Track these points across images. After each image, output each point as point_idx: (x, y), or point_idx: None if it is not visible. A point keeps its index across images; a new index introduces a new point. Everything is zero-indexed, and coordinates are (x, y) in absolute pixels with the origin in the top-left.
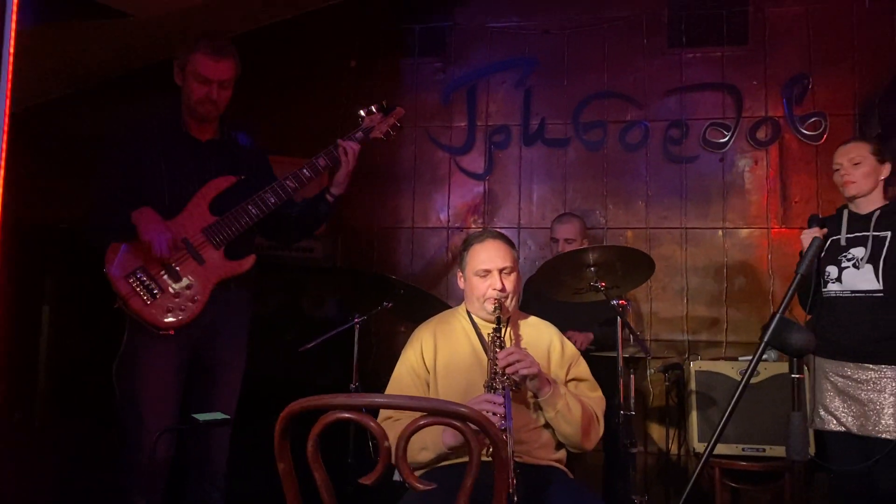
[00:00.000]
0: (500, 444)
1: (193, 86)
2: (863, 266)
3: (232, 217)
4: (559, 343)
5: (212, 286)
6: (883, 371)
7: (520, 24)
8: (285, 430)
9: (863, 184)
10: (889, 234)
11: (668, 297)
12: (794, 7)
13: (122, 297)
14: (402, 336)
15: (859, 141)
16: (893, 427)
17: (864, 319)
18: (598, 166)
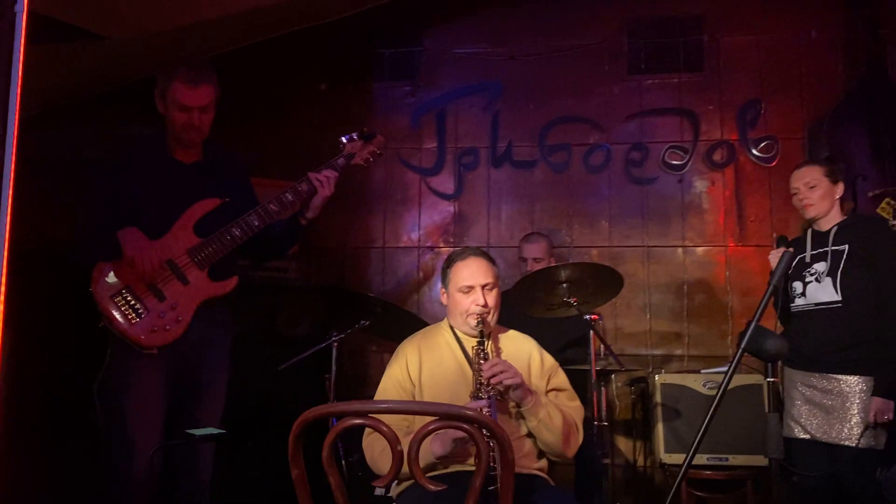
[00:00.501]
0: (507, 446)
1: (175, 114)
2: (823, 279)
3: (216, 239)
4: (538, 355)
5: (196, 306)
6: (847, 380)
7: (486, 50)
8: (299, 437)
9: (820, 205)
10: (846, 248)
11: (632, 314)
12: (746, 37)
13: (107, 317)
14: (373, 354)
15: (812, 164)
16: (858, 435)
17: (826, 330)
18: (563, 187)
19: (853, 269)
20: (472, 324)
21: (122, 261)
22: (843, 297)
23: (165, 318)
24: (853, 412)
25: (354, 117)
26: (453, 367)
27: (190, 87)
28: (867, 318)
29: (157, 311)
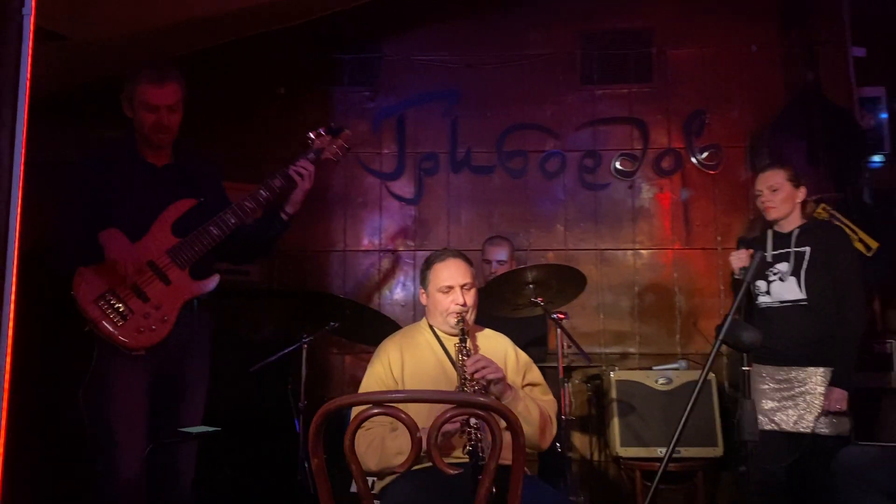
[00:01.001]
0: (519, 431)
1: (143, 115)
2: (787, 279)
3: (195, 238)
4: (514, 352)
5: (180, 305)
6: (811, 372)
7: (445, 57)
8: (320, 427)
9: (782, 208)
10: (808, 249)
11: (586, 314)
12: (691, 50)
13: (92, 321)
14: (335, 357)
15: (776, 168)
16: (823, 423)
17: (793, 326)
18: (520, 192)
19: (815, 270)
20: (452, 322)
21: (103, 264)
22: (808, 296)
23: (150, 319)
24: (817, 403)
25: (315, 121)
26: (434, 364)
27: (155, 86)
28: (828, 316)
29: (142, 312)
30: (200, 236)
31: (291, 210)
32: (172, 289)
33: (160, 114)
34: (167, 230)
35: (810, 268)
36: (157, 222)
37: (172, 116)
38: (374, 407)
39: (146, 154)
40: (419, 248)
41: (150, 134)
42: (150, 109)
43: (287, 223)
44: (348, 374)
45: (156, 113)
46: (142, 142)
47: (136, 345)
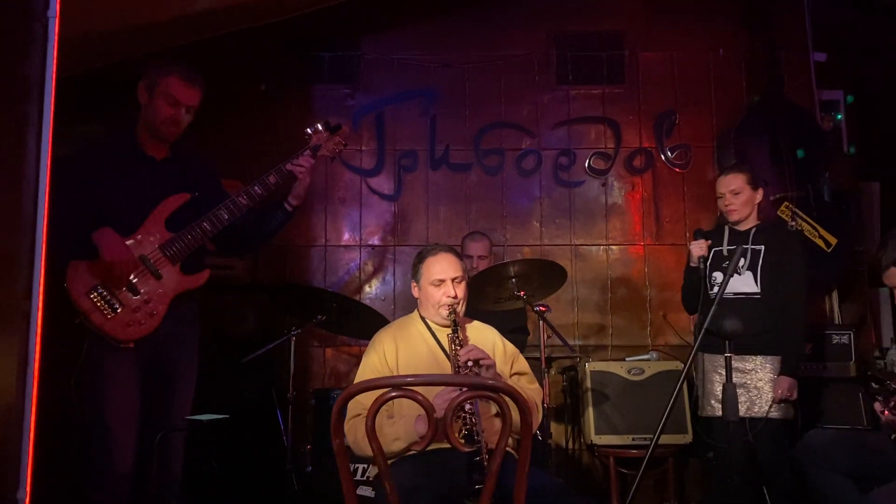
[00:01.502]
0: (527, 410)
1: (161, 105)
2: (743, 272)
3: (187, 233)
4: (501, 342)
5: (169, 300)
6: (759, 360)
7: (423, 57)
8: (341, 411)
9: (743, 210)
10: (763, 248)
11: (561, 307)
12: (662, 53)
13: (83, 313)
14: (315, 349)
15: (737, 172)
16: (767, 407)
17: (745, 317)
18: (497, 189)
19: (769, 267)
20: (444, 314)
21: (97, 260)
22: (762, 290)
23: (140, 313)
24: (766, 389)
25: (295, 118)
26: (426, 354)
27: (186, 85)
28: (777, 309)
29: (132, 305)
30: (193, 232)
31: (295, 202)
32: (163, 283)
33: (179, 110)
34: (161, 225)
35: (765, 264)
36: (152, 216)
37: (187, 117)
38: (394, 390)
39: (146, 147)
40: (399, 243)
41: (161, 126)
42: (173, 104)
43: (291, 213)
44: (329, 366)
45: (176, 108)
46: (145, 132)
47: (125, 337)
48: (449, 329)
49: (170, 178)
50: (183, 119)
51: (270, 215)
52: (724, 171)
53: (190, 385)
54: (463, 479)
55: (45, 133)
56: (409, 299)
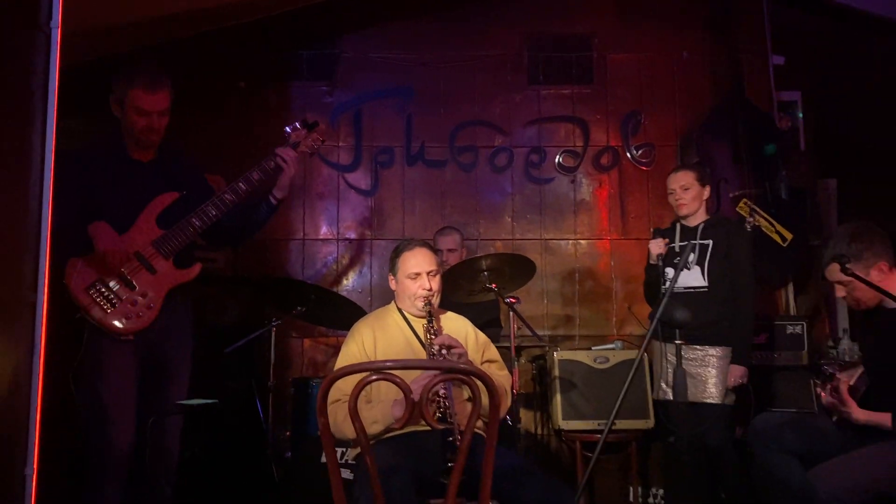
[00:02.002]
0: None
1: (134, 118)
2: (692, 267)
3: (178, 229)
4: (473, 332)
5: (165, 293)
6: (707, 350)
7: (400, 56)
8: (326, 392)
9: (692, 205)
10: (711, 242)
11: (532, 299)
12: (629, 55)
13: (83, 308)
14: (294, 340)
15: (687, 169)
16: (716, 394)
17: (695, 310)
18: (471, 185)
19: (716, 261)
20: (420, 305)
21: (93, 255)
22: (709, 283)
23: (138, 306)
24: (714, 375)
25: (274, 114)
26: (403, 343)
27: (149, 93)
28: (725, 301)
29: (130, 299)
30: (183, 227)
31: (280, 194)
32: (158, 277)
33: (151, 118)
34: (152, 222)
35: (712, 258)
36: (143, 215)
37: (162, 120)
38: (374, 374)
39: (132, 151)
40: (376, 237)
41: (139, 135)
42: (143, 114)
43: (276, 206)
44: (307, 356)
45: (147, 117)
46: (129, 140)
47: (125, 329)
48: (424, 319)
49: (158, 179)
50: (158, 124)
51: (256, 209)
52: (674, 169)
53: (184, 374)
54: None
55: (48, 136)
56: (385, 291)
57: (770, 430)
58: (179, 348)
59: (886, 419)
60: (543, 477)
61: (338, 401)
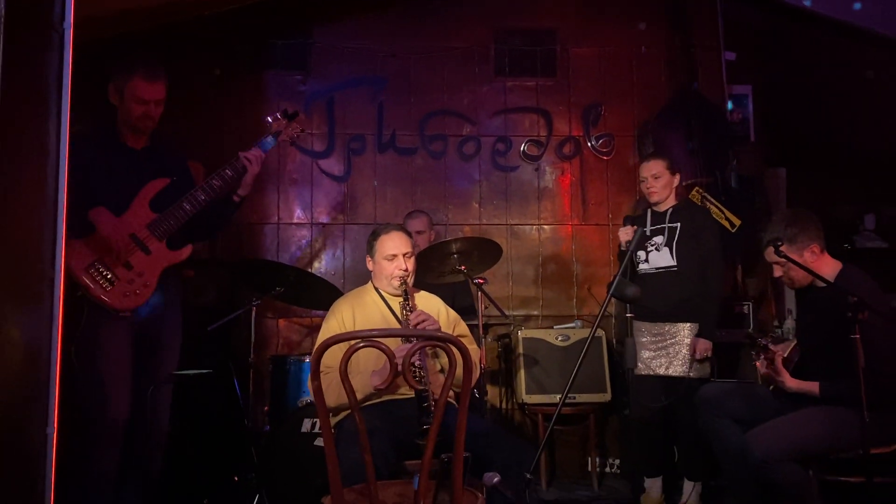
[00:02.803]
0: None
1: (133, 106)
2: (662, 249)
3: (171, 213)
4: (445, 309)
5: (159, 272)
6: (678, 327)
7: (372, 46)
8: (319, 358)
9: (662, 193)
10: (679, 225)
11: (497, 281)
12: (590, 49)
13: (83, 287)
14: (269, 321)
15: (658, 158)
16: (686, 368)
17: (665, 288)
18: (440, 172)
19: (684, 242)
20: (396, 285)
21: (91, 236)
22: (678, 263)
23: (135, 284)
24: (684, 351)
25: (249, 102)
26: (380, 318)
27: (149, 83)
28: (694, 279)
29: (127, 278)
30: (176, 211)
31: (243, 192)
32: (153, 258)
33: (149, 107)
34: (146, 206)
35: (680, 240)
36: (137, 199)
37: (158, 109)
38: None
39: (126, 138)
40: (348, 221)
41: (136, 122)
42: (141, 102)
43: (239, 204)
44: (282, 336)
45: (145, 106)
46: (124, 127)
47: (123, 307)
48: (399, 298)
49: (150, 165)
50: (154, 112)
51: (221, 207)
52: (646, 158)
53: (175, 348)
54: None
55: (62, 128)
56: (358, 274)
57: (714, 398)
58: (171, 324)
59: (815, 387)
60: (509, 439)
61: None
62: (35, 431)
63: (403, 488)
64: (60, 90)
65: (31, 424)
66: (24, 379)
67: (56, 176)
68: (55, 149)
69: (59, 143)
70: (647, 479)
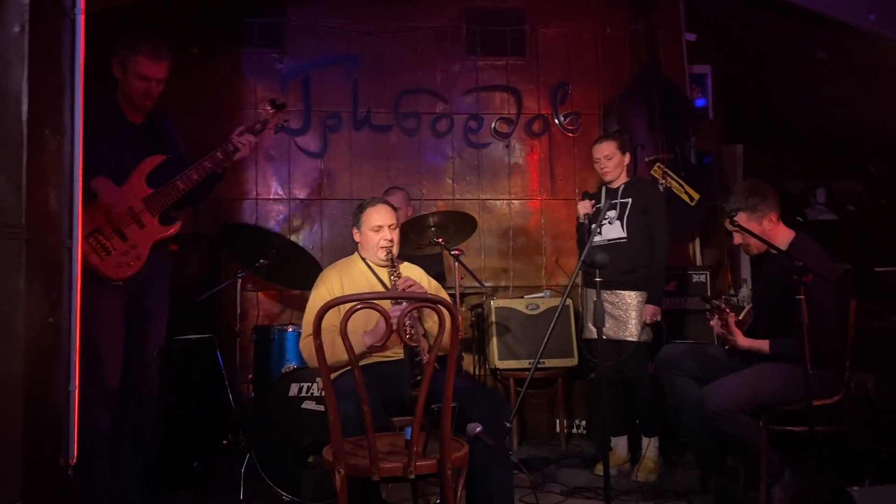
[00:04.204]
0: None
1: (134, 82)
2: (614, 222)
3: (165, 190)
4: (426, 278)
5: (150, 245)
6: (627, 294)
7: (346, 25)
8: (321, 316)
9: (615, 172)
10: (630, 200)
11: (470, 254)
12: (558, 29)
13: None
14: (251, 294)
15: (609, 140)
16: (635, 332)
17: (616, 259)
18: (414, 149)
19: (634, 216)
20: (382, 255)
21: (92, 205)
22: (628, 235)
23: (129, 256)
24: (633, 317)
25: (226, 80)
26: (367, 286)
27: (153, 62)
28: (643, 251)
29: (122, 249)
30: (170, 188)
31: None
32: (146, 232)
33: (150, 84)
34: (143, 181)
35: (631, 215)
36: (135, 173)
37: (159, 87)
38: (362, 303)
39: (127, 112)
40: (325, 197)
41: (137, 99)
42: (143, 79)
43: (221, 175)
44: (262, 308)
45: (147, 83)
46: (125, 102)
47: (116, 276)
48: (385, 267)
49: (147, 141)
50: (154, 90)
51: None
52: (598, 140)
53: (164, 319)
54: (400, 384)
55: (76, 106)
56: (335, 248)
57: (672, 357)
58: (160, 295)
59: (765, 345)
60: (488, 394)
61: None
62: (60, 388)
63: (394, 439)
64: (74, 71)
65: (57, 382)
66: (49, 340)
67: (72, 152)
68: (70, 126)
69: (74, 121)
70: (613, 437)
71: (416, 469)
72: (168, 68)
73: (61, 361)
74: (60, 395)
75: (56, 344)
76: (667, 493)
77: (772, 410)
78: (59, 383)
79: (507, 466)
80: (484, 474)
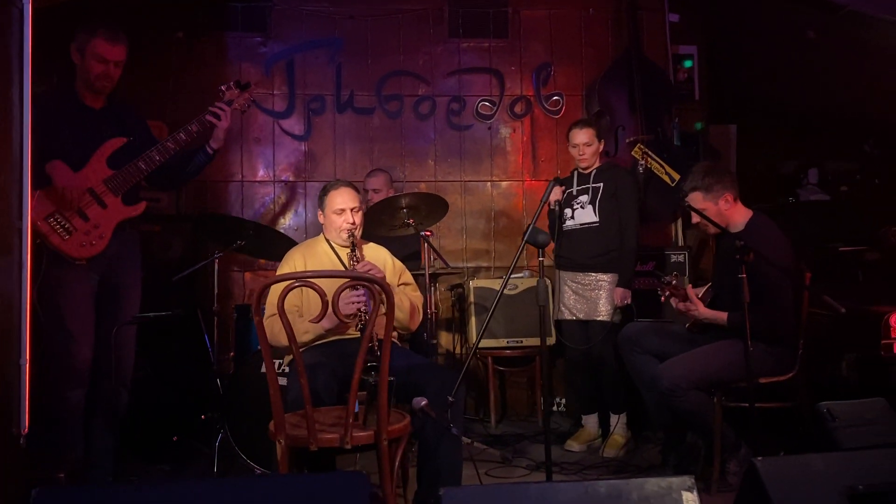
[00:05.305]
0: (389, 294)
1: (93, 64)
2: (586, 207)
3: (127, 171)
4: (391, 259)
5: (114, 225)
6: (598, 276)
7: (329, 9)
8: (261, 295)
9: (591, 159)
10: (602, 185)
11: (452, 235)
12: (540, 11)
13: (42, 235)
14: (237, 274)
15: (587, 126)
16: (605, 313)
17: (588, 242)
18: (397, 131)
19: (606, 200)
20: (344, 237)
21: (50, 188)
22: (600, 219)
23: (91, 235)
24: (603, 298)
25: (210, 64)
26: (329, 266)
27: (110, 44)
28: (614, 234)
29: (84, 229)
30: (132, 169)
31: (216, 145)
32: (108, 212)
33: (108, 67)
34: (103, 163)
35: (602, 198)
36: (95, 156)
37: (117, 70)
38: (298, 281)
39: (85, 97)
40: (309, 179)
41: (95, 81)
42: (101, 62)
43: (212, 155)
44: (248, 288)
45: (105, 65)
46: (83, 87)
47: (79, 255)
48: (348, 249)
49: (107, 125)
50: (113, 73)
51: (193, 157)
52: (575, 125)
53: (135, 296)
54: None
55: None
56: (319, 229)
57: (633, 335)
58: (130, 273)
59: (724, 316)
60: (441, 370)
61: (273, 315)
62: (11, 362)
63: (341, 412)
64: (22, 58)
65: (8, 356)
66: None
67: (21, 136)
68: (19, 112)
69: (23, 107)
70: (584, 416)
71: (353, 440)
72: (125, 52)
73: (12, 336)
74: (11, 369)
75: (6, 320)
76: (630, 467)
77: (725, 387)
78: (10, 358)
79: (457, 440)
80: (434, 448)
